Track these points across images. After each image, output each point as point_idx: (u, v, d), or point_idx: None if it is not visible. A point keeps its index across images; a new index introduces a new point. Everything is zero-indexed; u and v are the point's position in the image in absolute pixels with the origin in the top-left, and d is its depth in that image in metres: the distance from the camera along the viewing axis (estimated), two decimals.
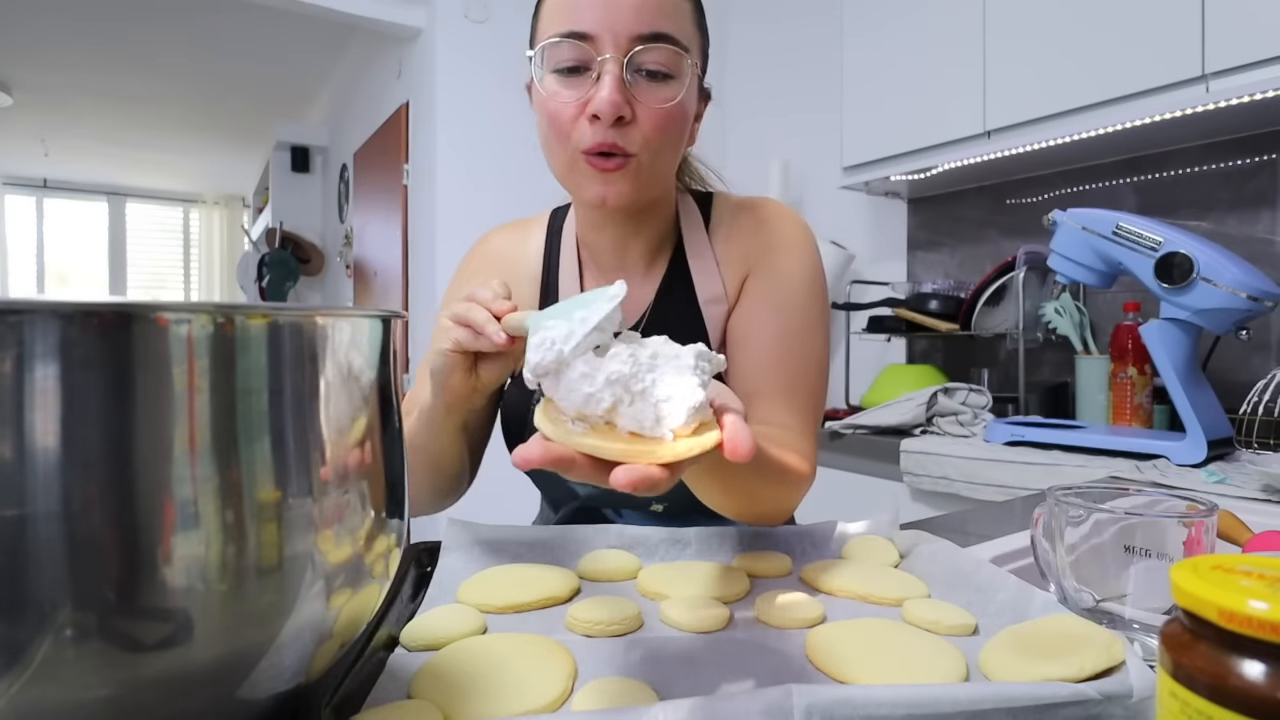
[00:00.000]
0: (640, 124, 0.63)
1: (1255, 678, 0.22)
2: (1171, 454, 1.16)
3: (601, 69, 0.61)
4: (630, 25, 0.61)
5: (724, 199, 0.80)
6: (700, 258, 0.76)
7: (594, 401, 0.33)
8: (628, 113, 0.62)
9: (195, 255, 6.76)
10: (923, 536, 0.58)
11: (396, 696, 0.37)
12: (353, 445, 0.31)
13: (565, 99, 0.63)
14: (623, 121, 0.62)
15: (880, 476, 1.57)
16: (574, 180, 0.67)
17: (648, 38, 0.62)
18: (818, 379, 0.72)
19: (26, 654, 0.23)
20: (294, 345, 0.28)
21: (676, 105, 0.64)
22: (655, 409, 0.33)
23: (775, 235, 0.75)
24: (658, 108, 0.63)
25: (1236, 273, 1.09)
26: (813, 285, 0.74)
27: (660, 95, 0.63)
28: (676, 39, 0.63)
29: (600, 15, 0.61)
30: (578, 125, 0.63)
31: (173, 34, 3.60)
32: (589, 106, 0.62)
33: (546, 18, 0.65)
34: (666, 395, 0.33)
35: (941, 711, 0.31)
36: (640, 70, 0.62)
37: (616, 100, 0.61)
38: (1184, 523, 0.42)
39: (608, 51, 0.61)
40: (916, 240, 2.22)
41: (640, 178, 0.65)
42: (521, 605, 0.48)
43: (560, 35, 0.62)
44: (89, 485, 0.23)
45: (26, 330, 0.23)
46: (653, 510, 0.78)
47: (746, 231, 0.76)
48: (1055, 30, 1.54)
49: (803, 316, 0.72)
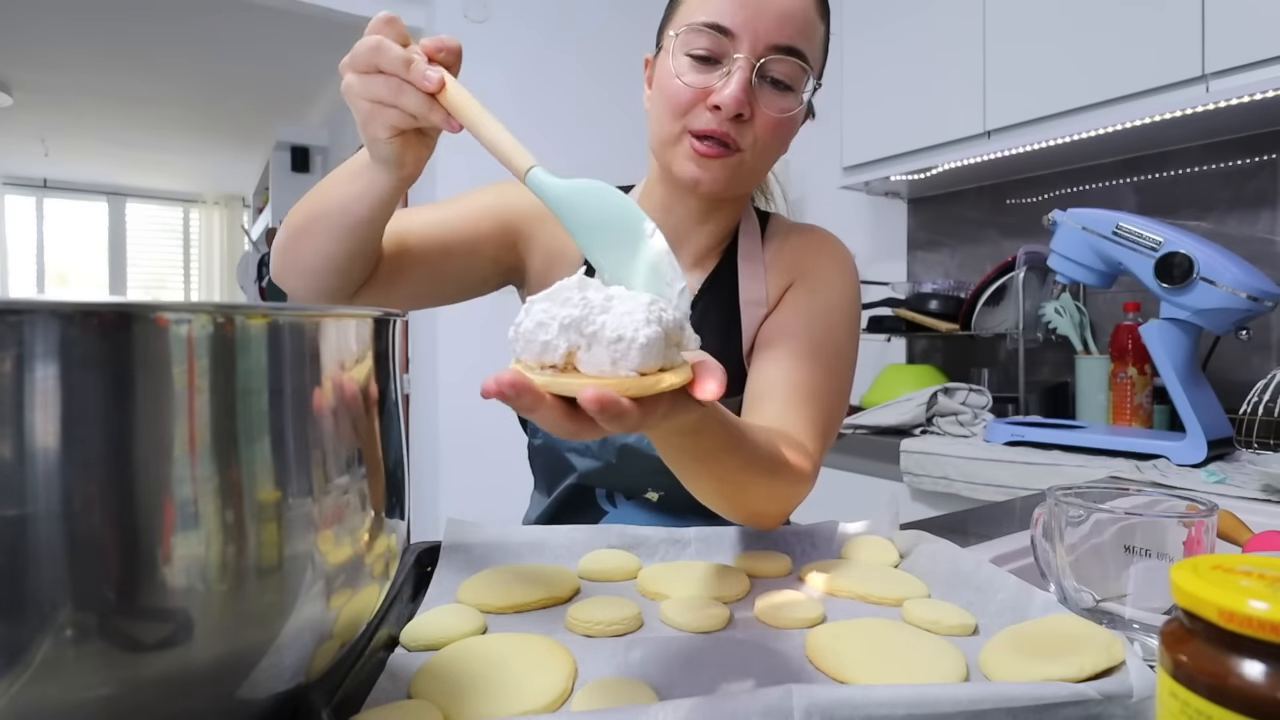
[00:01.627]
0: (754, 125, 0.66)
1: (1255, 678, 0.22)
2: (1171, 454, 1.16)
3: (733, 66, 0.64)
4: (771, 33, 0.65)
5: (780, 220, 0.84)
6: (750, 261, 0.78)
7: (550, 349, 0.33)
8: (747, 112, 0.65)
9: (195, 255, 6.76)
10: (923, 536, 0.58)
11: (396, 696, 0.37)
12: (353, 445, 0.31)
13: (691, 82, 0.66)
14: (740, 118, 0.65)
15: (880, 476, 1.57)
16: (672, 156, 0.69)
17: (782, 49, 0.65)
18: (838, 398, 0.72)
19: (27, 654, 0.23)
20: (294, 345, 0.28)
21: (791, 117, 0.68)
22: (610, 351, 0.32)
23: (822, 258, 0.78)
24: (774, 115, 0.67)
25: (1236, 273, 1.09)
26: (849, 308, 0.76)
27: (779, 104, 0.67)
28: (806, 56, 0.67)
29: (747, 16, 0.64)
30: (695, 109, 0.66)
31: (173, 34, 3.60)
32: (713, 97, 0.65)
33: (691, 3, 0.68)
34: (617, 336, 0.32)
35: (941, 711, 0.31)
36: (766, 77, 0.66)
37: (741, 98, 0.64)
38: (1184, 523, 0.42)
39: (744, 51, 0.64)
40: (916, 240, 2.22)
41: (739, 173, 0.69)
42: (521, 605, 0.48)
43: (704, 24, 0.65)
44: (89, 485, 0.23)
45: (26, 330, 0.23)
46: (647, 497, 0.78)
47: (797, 247, 0.80)
48: (1055, 30, 1.54)
49: (834, 334, 0.74)
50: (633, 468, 0.76)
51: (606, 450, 0.76)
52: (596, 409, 0.30)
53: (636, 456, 0.75)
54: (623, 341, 0.32)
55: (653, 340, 0.32)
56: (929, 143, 1.80)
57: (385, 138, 0.51)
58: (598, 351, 0.33)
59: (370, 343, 0.32)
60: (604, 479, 0.79)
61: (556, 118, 2.51)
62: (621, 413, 0.31)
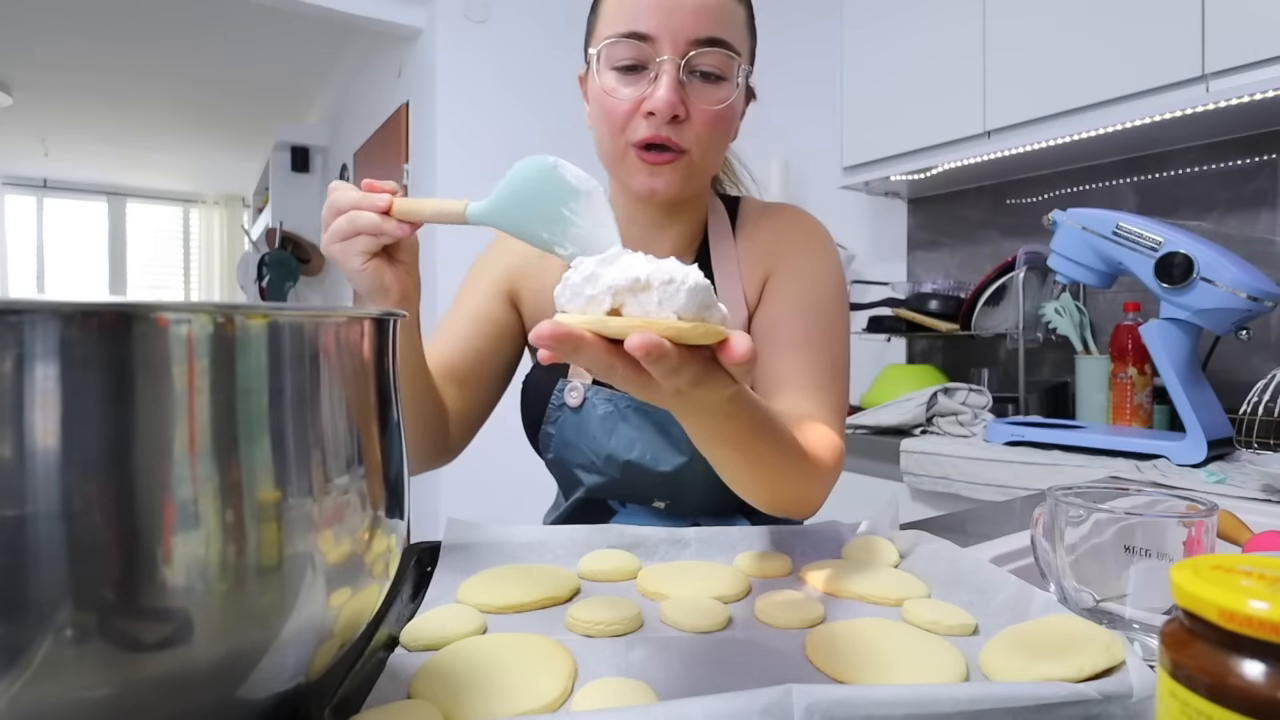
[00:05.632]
0: (693, 122, 0.66)
1: (1255, 678, 0.22)
2: (1171, 454, 1.16)
3: (659, 69, 0.65)
4: (689, 29, 0.64)
5: (750, 203, 0.83)
6: (724, 259, 0.78)
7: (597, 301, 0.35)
8: (682, 111, 0.65)
9: (195, 255, 6.76)
10: (923, 536, 0.58)
11: (396, 696, 0.37)
12: (352, 445, 0.31)
13: (622, 95, 0.66)
14: (677, 120, 0.65)
15: (880, 476, 1.57)
16: (624, 171, 0.69)
17: (704, 42, 0.65)
18: (843, 377, 0.74)
19: (27, 654, 0.23)
20: (294, 345, 0.28)
21: (728, 106, 0.67)
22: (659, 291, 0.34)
23: (796, 238, 0.78)
24: (710, 108, 0.66)
25: (1236, 273, 1.09)
26: (835, 286, 0.77)
27: (713, 97, 0.67)
28: (730, 44, 0.66)
29: (661, 19, 0.64)
30: (633, 120, 0.66)
31: (173, 34, 3.60)
32: (645, 104, 0.65)
33: (606, 16, 0.68)
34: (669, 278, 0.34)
35: (941, 711, 0.31)
36: (695, 72, 0.66)
37: (673, 100, 0.64)
38: (1184, 523, 0.42)
39: (666, 53, 0.64)
40: (916, 240, 2.22)
41: (689, 172, 0.69)
42: (521, 605, 0.48)
43: (620, 35, 0.65)
44: (89, 485, 0.23)
45: (26, 330, 0.23)
46: (655, 506, 0.79)
47: (768, 234, 0.79)
48: (1055, 30, 1.54)
49: (826, 316, 0.74)
50: (638, 481, 0.77)
51: (611, 466, 0.76)
52: (642, 352, 0.31)
53: (640, 472, 0.76)
54: (673, 283, 0.34)
55: (700, 285, 0.34)
56: (929, 143, 1.80)
57: (360, 265, 0.55)
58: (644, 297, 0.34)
59: (370, 342, 0.32)
60: (611, 492, 0.79)
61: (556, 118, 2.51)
62: (664, 355, 0.32)
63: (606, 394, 0.76)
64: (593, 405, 0.76)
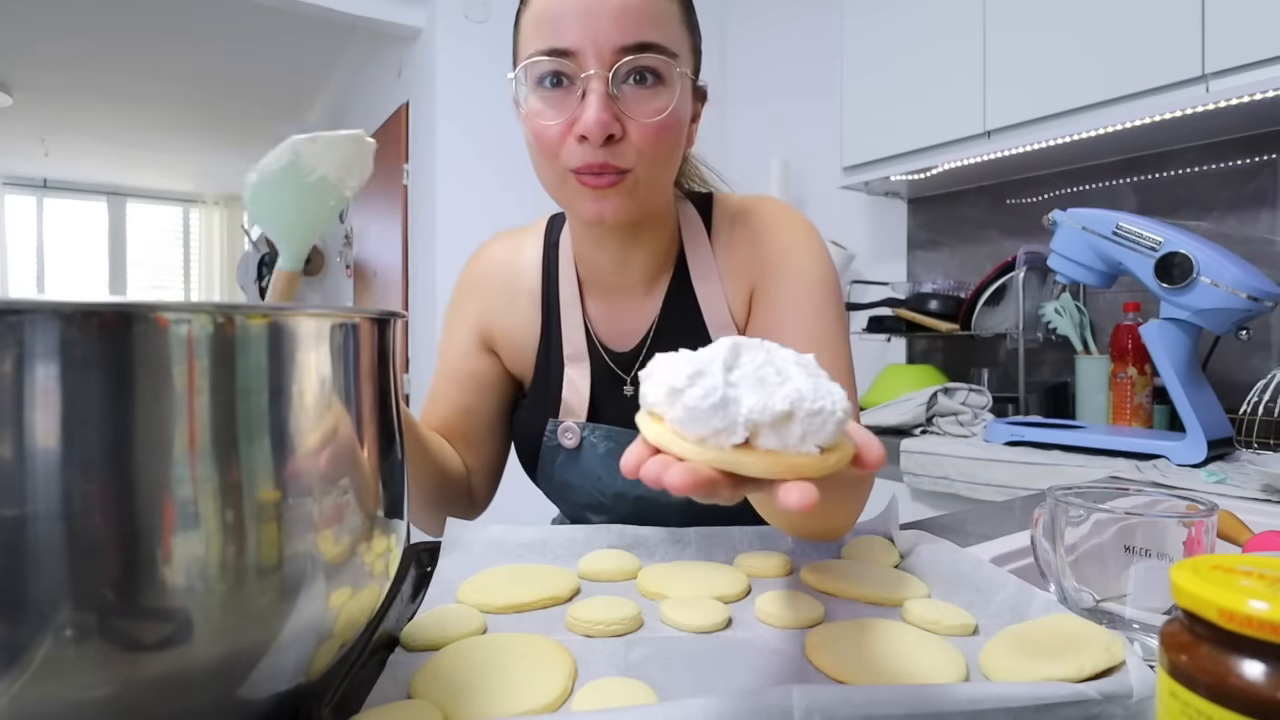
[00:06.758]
0: (632, 139, 0.59)
1: (1255, 678, 0.22)
2: (1171, 454, 1.16)
3: (586, 86, 0.58)
4: (613, 37, 0.57)
5: (724, 201, 0.76)
6: (704, 273, 0.72)
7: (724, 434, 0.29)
8: (617, 130, 0.58)
9: (195, 255, 6.76)
10: (923, 536, 0.58)
11: (396, 696, 0.37)
12: (353, 445, 0.31)
13: (550, 118, 0.59)
14: (613, 140, 0.58)
15: (880, 476, 1.57)
16: (566, 198, 0.63)
17: (632, 48, 0.58)
18: (850, 378, 0.69)
19: (27, 654, 0.23)
20: (294, 345, 0.28)
21: (669, 115, 0.60)
22: (804, 424, 0.29)
23: (779, 241, 0.71)
24: (648, 120, 0.59)
25: (1236, 273, 1.09)
26: (828, 284, 0.70)
27: (651, 107, 0.59)
28: (663, 46, 0.59)
29: (582, 29, 0.57)
30: (566, 144, 0.60)
31: (173, 34, 3.60)
32: (576, 126, 0.58)
33: (526, 34, 0.61)
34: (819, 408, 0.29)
35: (941, 711, 0.31)
36: (628, 81, 0.59)
37: (604, 119, 0.57)
38: (1184, 523, 0.42)
39: (592, 67, 0.57)
40: (916, 240, 2.22)
41: (638, 192, 0.62)
42: (521, 605, 0.48)
43: (541, 52, 0.59)
44: (89, 485, 0.23)
45: (26, 330, 0.23)
46: None
47: (746, 240, 0.72)
48: (1055, 30, 1.54)
49: (825, 317, 0.69)
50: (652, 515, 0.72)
51: (622, 504, 0.73)
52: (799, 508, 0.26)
53: (655, 506, 0.72)
54: (822, 414, 0.29)
55: (847, 409, 0.30)
56: (929, 143, 1.80)
57: None
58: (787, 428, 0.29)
59: (370, 343, 0.32)
60: None
61: None
62: (812, 503, 0.27)
63: (605, 431, 0.71)
64: (591, 445, 0.71)
